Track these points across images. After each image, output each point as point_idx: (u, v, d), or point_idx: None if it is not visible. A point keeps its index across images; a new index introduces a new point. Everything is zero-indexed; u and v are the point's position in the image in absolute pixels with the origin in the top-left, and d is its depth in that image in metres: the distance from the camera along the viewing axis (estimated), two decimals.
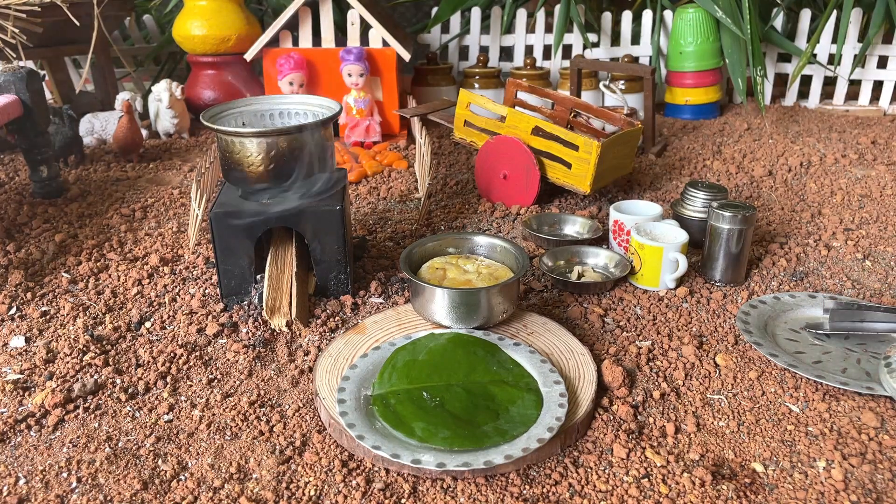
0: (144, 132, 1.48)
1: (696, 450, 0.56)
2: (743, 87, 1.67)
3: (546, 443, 0.54)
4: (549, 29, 1.88)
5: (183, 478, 0.54)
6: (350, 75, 1.42)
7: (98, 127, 1.45)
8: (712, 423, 0.60)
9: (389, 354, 0.65)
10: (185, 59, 1.82)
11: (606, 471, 0.54)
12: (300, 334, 0.73)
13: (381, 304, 0.80)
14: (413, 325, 0.70)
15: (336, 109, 0.79)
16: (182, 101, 1.52)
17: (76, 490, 0.53)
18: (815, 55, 1.71)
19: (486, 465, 0.52)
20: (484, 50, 1.94)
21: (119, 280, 0.86)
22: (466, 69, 1.82)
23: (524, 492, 0.52)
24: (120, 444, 0.58)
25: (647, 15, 1.83)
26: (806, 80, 1.79)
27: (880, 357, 0.64)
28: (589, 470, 0.54)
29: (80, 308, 0.79)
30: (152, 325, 0.76)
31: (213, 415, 0.61)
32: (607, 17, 1.86)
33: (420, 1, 1.98)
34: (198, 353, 0.70)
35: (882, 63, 1.70)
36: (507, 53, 1.96)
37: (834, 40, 1.69)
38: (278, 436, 0.58)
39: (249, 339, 0.72)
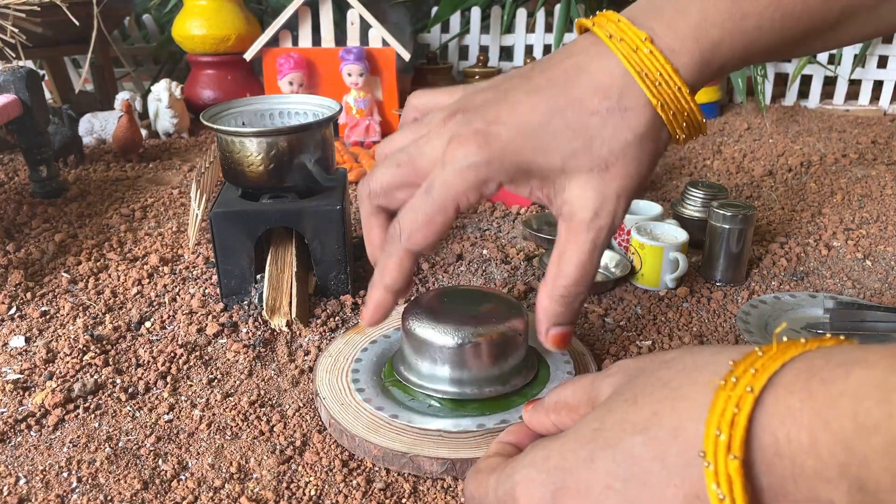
0: (144, 132, 1.47)
1: None
2: (743, 86, 1.67)
3: None
4: (549, 29, 1.88)
5: (183, 478, 0.54)
6: (350, 75, 1.42)
7: (98, 127, 1.45)
8: None
9: (387, 347, 0.66)
10: (184, 58, 1.82)
11: None
12: (300, 334, 0.73)
13: None
14: None
15: (336, 109, 0.79)
16: (182, 100, 1.52)
17: (76, 490, 0.53)
18: (814, 55, 1.71)
19: (521, 418, 0.53)
20: (484, 49, 1.94)
21: (119, 280, 0.86)
22: (466, 69, 1.82)
23: None
24: (120, 444, 0.58)
25: None
26: (806, 80, 1.79)
27: None
28: None
29: (80, 308, 0.79)
30: (152, 324, 0.76)
31: (214, 415, 0.61)
32: None
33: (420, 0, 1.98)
34: (198, 353, 0.70)
35: (882, 63, 1.70)
36: (507, 53, 1.96)
37: None
38: (278, 436, 0.58)
39: (249, 338, 0.72)
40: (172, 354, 0.69)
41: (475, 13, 1.90)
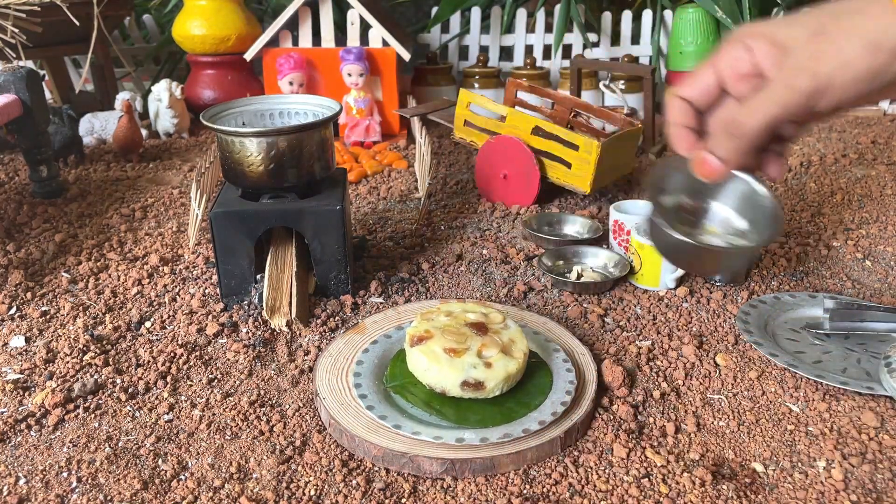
0: (144, 132, 1.48)
1: (697, 449, 0.57)
2: None
3: (568, 405, 0.58)
4: (549, 29, 1.88)
5: (183, 477, 0.54)
6: (350, 75, 1.42)
7: (98, 127, 1.45)
8: (712, 422, 0.60)
9: (388, 347, 0.66)
10: (184, 58, 1.82)
11: (606, 471, 0.54)
12: (300, 334, 0.73)
13: (381, 303, 0.80)
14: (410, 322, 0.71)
15: (336, 109, 0.80)
16: (182, 100, 1.52)
17: (76, 490, 0.53)
18: None
19: (524, 432, 0.55)
20: (484, 50, 1.94)
21: (119, 280, 0.86)
22: (466, 69, 1.82)
23: (524, 491, 0.52)
24: (120, 444, 0.58)
25: (647, 15, 1.83)
26: None
27: (880, 357, 0.64)
28: (589, 470, 0.54)
29: (80, 308, 0.79)
30: (152, 324, 0.76)
31: (213, 414, 0.61)
32: (607, 16, 1.86)
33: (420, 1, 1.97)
34: (198, 353, 0.70)
35: None
36: (507, 53, 1.96)
37: None
38: (278, 436, 0.58)
39: (249, 338, 0.72)
40: (172, 354, 0.69)
41: (475, 13, 1.90)
